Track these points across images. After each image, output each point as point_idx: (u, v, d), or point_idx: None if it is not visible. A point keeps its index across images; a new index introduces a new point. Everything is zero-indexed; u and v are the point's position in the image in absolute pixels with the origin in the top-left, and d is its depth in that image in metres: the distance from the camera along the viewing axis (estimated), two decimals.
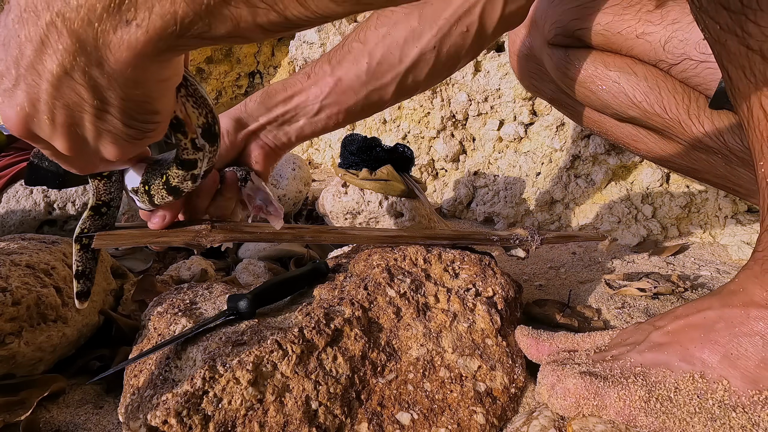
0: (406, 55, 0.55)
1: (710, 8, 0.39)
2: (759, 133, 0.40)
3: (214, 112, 0.40)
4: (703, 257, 0.96)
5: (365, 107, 0.58)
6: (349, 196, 0.94)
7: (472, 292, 0.58)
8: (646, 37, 0.61)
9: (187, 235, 0.51)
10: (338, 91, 0.56)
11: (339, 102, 0.56)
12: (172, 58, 0.30)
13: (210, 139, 0.41)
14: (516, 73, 0.83)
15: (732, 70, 0.40)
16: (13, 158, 0.98)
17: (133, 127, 0.33)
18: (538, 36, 0.71)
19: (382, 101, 0.58)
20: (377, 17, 0.57)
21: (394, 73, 0.56)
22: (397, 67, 0.56)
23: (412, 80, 0.57)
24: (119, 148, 0.35)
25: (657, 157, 0.72)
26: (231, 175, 0.54)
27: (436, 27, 0.54)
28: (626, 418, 0.40)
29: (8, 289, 0.52)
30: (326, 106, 0.56)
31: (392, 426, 0.45)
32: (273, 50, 2.32)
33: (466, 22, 0.54)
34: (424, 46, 0.55)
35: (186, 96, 0.38)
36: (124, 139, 0.34)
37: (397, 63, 0.55)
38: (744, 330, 0.40)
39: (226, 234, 0.52)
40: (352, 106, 0.57)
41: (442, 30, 0.54)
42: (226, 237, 0.52)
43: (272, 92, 0.57)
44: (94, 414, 0.51)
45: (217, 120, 0.41)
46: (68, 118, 0.31)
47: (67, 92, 0.30)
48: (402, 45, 0.55)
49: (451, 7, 0.54)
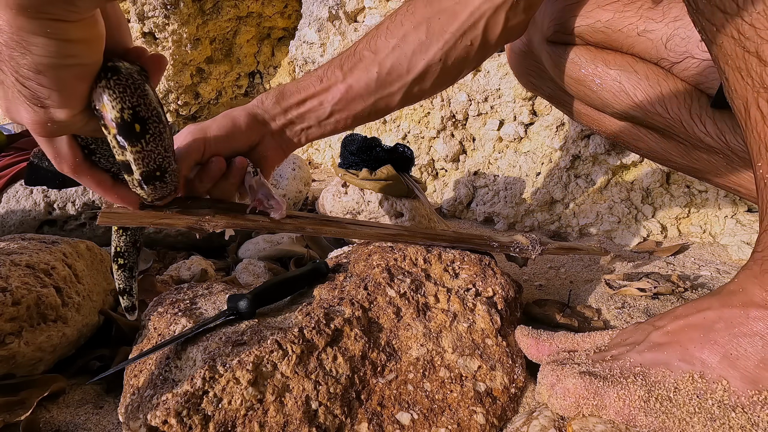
0: (414, 67, 0.57)
1: (706, 10, 0.39)
2: (756, 135, 0.40)
3: (141, 107, 0.38)
4: (703, 257, 0.96)
5: (372, 113, 0.60)
6: (349, 196, 0.94)
7: (472, 292, 0.58)
8: (648, 35, 0.60)
9: (190, 219, 0.51)
10: (348, 98, 0.58)
11: (348, 108, 0.59)
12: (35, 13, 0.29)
13: (129, 138, 0.38)
14: (514, 71, 0.83)
15: (729, 72, 0.40)
16: (13, 158, 0.98)
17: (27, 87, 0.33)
18: (536, 33, 0.71)
19: (389, 108, 0.61)
20: (387, 27, 0.59)
21: (401, 83, 0.58)
22: (405, 78, 0.58)
23: (417, 89, 0.60)
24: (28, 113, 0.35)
25: (658, 157, 0.72)
26: (241, 161, 0.55)
27: (443, 41, 0.56)
28: (626, 418, 0.40)
29: (8, 289, 0.52)
30: (336, 111, 0.59)
31: (392, 426, 0.45)
32: (273, 50, 2.32)
33: (471, 36, 0.56)
34: (431, 59, 0.57)
35: (105, 87, 0.36)
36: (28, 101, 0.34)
37: (404, 73, 0.58)
38: (743, 330, 0.40)
39: (228, 220, 0.52)
40: (360, 111, 0.59)
41: (448, 44, 0.57)
42: (229, 223, 0.52)
43: (287, 93, 0.59)
44: (94, 414, 0.51)
45: (146, 119, 0.38)
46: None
47: None
48: (410, 57, 0.57)
49: (458, 22, 0.56)
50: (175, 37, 1.96)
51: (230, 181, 0.55)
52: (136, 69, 0.37)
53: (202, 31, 2.05)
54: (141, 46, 0.39)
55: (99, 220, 0.49)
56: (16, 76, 0.32)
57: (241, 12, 2.10)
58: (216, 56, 2.20)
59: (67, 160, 0.41)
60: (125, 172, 0.42)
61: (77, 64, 0.34)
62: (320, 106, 0.58)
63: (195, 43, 2.04)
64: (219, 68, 2.22)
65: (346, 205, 0.94)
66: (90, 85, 0.36)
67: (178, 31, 1.95)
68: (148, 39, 1.97)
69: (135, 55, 0.39)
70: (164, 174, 0.43)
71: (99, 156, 0.43)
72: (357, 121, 0.60)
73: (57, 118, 0.36)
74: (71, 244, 0.67)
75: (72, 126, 0.37)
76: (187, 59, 2.08)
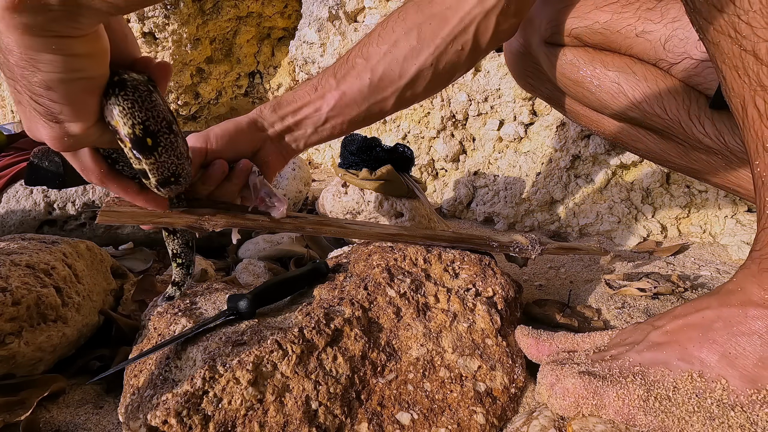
0: (406, 72, 0.59)
1: (703, 9, 0.39)
2: (754, 133, 0.40)
3: (150, 120, 0.39)
4: (703, 257, 0.96)
5: (366, 117, 0.61)
6: (349, 196, 0.94)
7: (472, 292, 0.58)
8: (646, 36, 0.60)
9: (189, 218, 0.51)
10: (342, 104, 0.59)
11: (343, 113, 0.60)
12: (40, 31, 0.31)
13: (142, 152, 0.40)
14: (512, 72, 0.83)
15: (726, 71, 0.40)
16: (13, 158, 0.98)
17: (39, 103, 0.34)
18: (534, 34, 0.71)
19: (383, 112, 0.62)
20: (378, 34, 0.60)
21: (393, 88, 0.60)
22: (397, 83, 0.59)
23: (410, 94, 0.61)
24: (46, 131, 0.36)
25: (656, 157, 0.72)
26: (246, 163, 0.56)
27: (434, 46, 0.58)
28: (625, 417, 0.41)
29: (8, 289, 0.52)
30: (331, 117, 0.60)
31: (392, 426, 0.45)
32: (273, 50, 2.32)
33: (461, 41, 0.57)
34: (422, 64, 0.58)
35: (114, 103, 0.37)
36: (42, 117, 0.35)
37: (397, 79, 0.59)
38: (742, 329, 0.40)
39: (228, 219, 0.53)
40: (355, 117, 0.61)
41: (439, 48, 0.58)
42: (229, 222, 0.53)
43: (283, 103, 0.60)
44: (94, 414, 0.51)
45: (156, 132, 0.40)
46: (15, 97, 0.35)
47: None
48: (402, 62, 0.58)
49: (448, 27, 0.57)
50: (175, 37, 1.96)
51: (233, 182, 0.55)
52: (143, 80, 0.39)
53: (202, 31, 2.05)
54: (148, 56, 0.40)
55: (98, 218, 0.49)
56: (30, 94, 0.34)
57: (241, 12, 2.10)
58: (216, 56, 2.20)
59: (93, 172, 0.43)
60: (143, 178, 0.44)
61: (84, 77, 0.35)
62: (315, 112, 0.60)
63: (195, 43, 2.04)
64: (219, 68, 2.22)
65: (346, 205, 0.94)
66: (100, 97, 0.37)
67: (178, 31, 1.95)
68: (148, 39, 1.97)
69: (142, 65, 0.40)
70: (178, 178, 0.45)
71: (122, 164, 0.45)
72: (352, 126, 0.62)
73: (72, 132, 0.37)
74: (71, 244, 0.67)
75: (88, 139, 0.39)
76: (187, 59, 2.08)
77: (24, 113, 0.36)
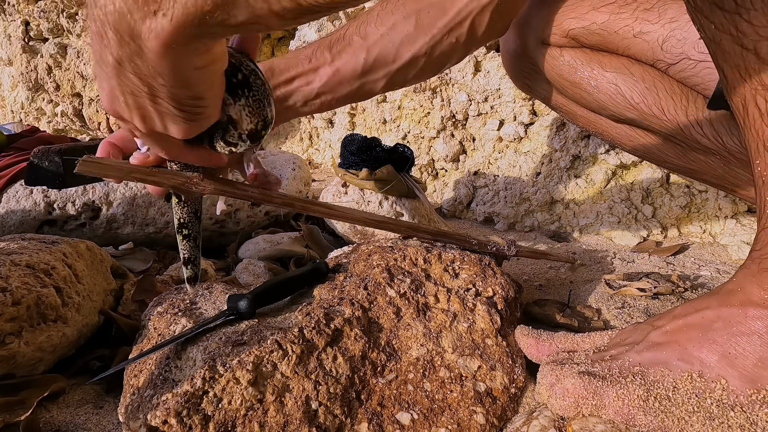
0: (400, 57, 0.60)
1: (705, 8, 0.39)
2: (755, 132, 0.40)
3: (267, 118, 0.43)
4: (703, 257, 0.96)
5: (355, 96, 0.63)
6: (349, 196, 0.94)
7: (472, 292, 0.58)
8: (644, 37, 0.60)
9: (177, 179, 0.49)
10: (335, 81, 0.61)
11: (334, 90, 0.61)
12: (201, 47, 0.32)
13: (254, 140, 0.45)
14: (509, 73, 0.83)
15: (727, 69, 0.40)
16: (13, 158, 0.98)
17: (184, 110, 0.36)
18: (531, 35, 0.70)
19: (371, 92, 0.63)
20: (378, 14, 0.60)
21: (386, 70, 0.61)
22: (390, 66, 0.61)
23: (401, 78, 0.62)
24: (180, 128, 0.38)
25: (654, 158, 0.72)
26: None
27: (430, 35, 0.59)
28: (625, 417, 0.41)
29: (8, 289, 0.52)
30: (322, 93, 0.61)
31: (392, 426, 0.45)
32: (273, 50, 2.32)
33: (457, 33, 0.59)
34: (417, 51, 0.59)
35: (245, 105, 0.41)
36: (182, 119, 0.37)
37: (390, 62, 0.60)
38: (742, 329, 0.40)
39: (216, 185, 0.51)
40: (345, 94, 0.62)
41: (435, 38, 0.59)
42: (217, 189, 0.51)
43: (276, 70, 0.61)
44: (94, 414, 0.51)
45: (267, 125, 0.44)
46: (135, 102, 0.36)
47: (125, 80, 0.34)
48: (398, 47, 0.59)
49: (446, 18, 0.58)
50: None
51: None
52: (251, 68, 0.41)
53: None
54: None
55: (78, 167, 0.46)
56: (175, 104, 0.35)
57: None
58: None
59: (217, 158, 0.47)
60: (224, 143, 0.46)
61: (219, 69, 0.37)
62: (307, 86, 0.60)
63: None
64: None
65: (346, 205, 0.94)
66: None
67: None
68: None
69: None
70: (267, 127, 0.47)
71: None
72: (341, 102, 0.63)
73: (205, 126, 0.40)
74: (71, 244, 0.67)
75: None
76: None
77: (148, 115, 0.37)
